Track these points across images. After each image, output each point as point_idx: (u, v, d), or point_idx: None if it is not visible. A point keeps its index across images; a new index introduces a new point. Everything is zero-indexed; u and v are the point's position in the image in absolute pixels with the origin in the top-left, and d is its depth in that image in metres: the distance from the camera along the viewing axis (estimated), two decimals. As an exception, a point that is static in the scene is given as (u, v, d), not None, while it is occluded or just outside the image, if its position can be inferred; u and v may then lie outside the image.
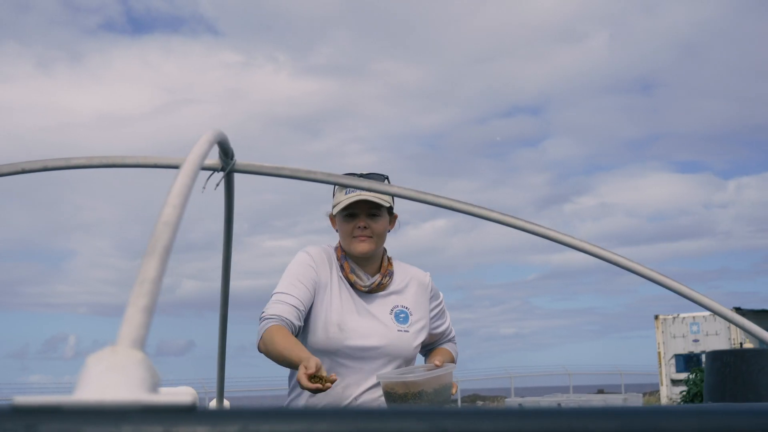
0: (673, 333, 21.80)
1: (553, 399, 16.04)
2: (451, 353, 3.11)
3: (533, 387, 33.83)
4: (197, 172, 0.99)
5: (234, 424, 0.59)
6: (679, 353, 21.54)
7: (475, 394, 33.20)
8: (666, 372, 21.70)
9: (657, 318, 22.15)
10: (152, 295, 0.73)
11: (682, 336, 21.65)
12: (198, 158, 1.03)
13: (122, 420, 0.58)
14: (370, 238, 2.86)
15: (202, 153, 1.05)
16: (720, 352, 6.08)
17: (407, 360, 2.90)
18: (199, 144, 1.07)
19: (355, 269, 2.91)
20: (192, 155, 1.04)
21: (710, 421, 0.66)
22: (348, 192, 2.82)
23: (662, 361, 21.78)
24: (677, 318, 21.80)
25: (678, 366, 21.47)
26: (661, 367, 21.84)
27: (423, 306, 3.00)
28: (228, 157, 1.78)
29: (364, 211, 2.85)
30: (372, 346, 2.82)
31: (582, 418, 0.66)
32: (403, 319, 2.91)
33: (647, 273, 1.89)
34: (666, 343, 21.84)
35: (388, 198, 2.88)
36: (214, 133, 1.21)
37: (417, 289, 3.00)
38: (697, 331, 21.35)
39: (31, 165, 1.63)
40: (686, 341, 21.53)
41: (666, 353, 21.76)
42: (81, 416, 0.58)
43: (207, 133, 1.16)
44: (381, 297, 2.93)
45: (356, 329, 2.83)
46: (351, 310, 2.86)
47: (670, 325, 21.91)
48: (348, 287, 2.91)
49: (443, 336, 3.15)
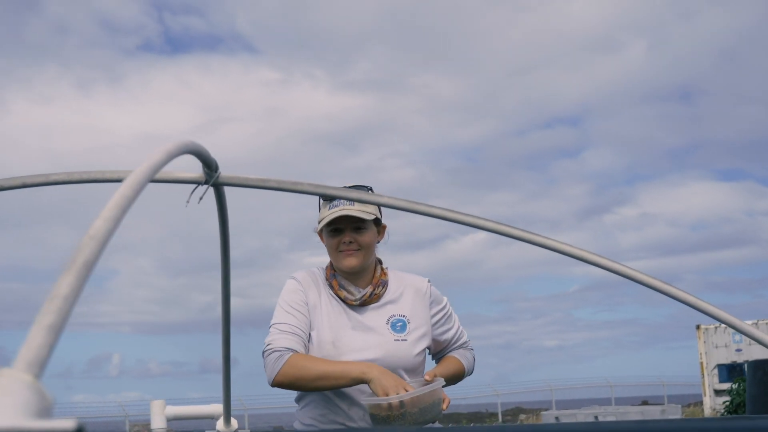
0: (715, 343, 21.45)
1: (590, 411, 15.83)
2: (461, 361, 3.03)
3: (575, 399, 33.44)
4: (143, 185, 0.94)
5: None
6: (721, 363, 21.18)
7: (517, 407, 32.91)
8: (709, 382, 21.34)
9: (699, 328, 21.81)
10: (61, 313, 0.69)
11: (724, 346, 21.30)
12: (148, 170, 0.99)
13: (-5, 449, 0.54)
14: (357, 251, 2.81)
15: (154, 164, 1.01)
16: (762, 362, 5.92)
17: (410, 370, 2.83)
18: (153, 155, 1.03)
19: (345, 284, 2.87)
20: (143, 166, 1.00)
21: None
22: (331, 207, 2.78)
23: (705, 371, 21.42)
24: (719, 328, 21.44)
25: (721, 376, 21.10)
26: (703, 378, 21.49)
27: (422, 313, 2.93)
28: (211, 169, 1.75)
29: (349, 226, 2.80)
30: (369, 359, 2.75)
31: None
32: (401, 327, 2.85)
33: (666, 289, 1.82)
34: (708, 353, 21.49)
35: (373, 210, 2.83)
36: (178, 144, 1.16)
37: (414, 297, 2.94)
38: (739, 341, 20.98)
39: (10, 182, 1.61)
40: (729, 351, 21.16)
41: (709, 363, 21.41)
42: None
43: (169, 144, 1.12)
44: (375, 308, 2.87)
45: (351, 344, 2.78)
46: (344, 326, 2.81)
47: (712, 335, 21.56)
48: (340, 303, 2.86)
49: (451, 343, 3.07)
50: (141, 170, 0.98)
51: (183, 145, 1.20)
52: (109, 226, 0.82)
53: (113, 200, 0.87)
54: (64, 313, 0.69)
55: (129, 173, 1.84)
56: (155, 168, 1.00)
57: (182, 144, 1.20)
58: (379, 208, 2.89)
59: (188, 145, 1.26)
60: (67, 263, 0.75)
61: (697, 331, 21.83)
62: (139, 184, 0.94)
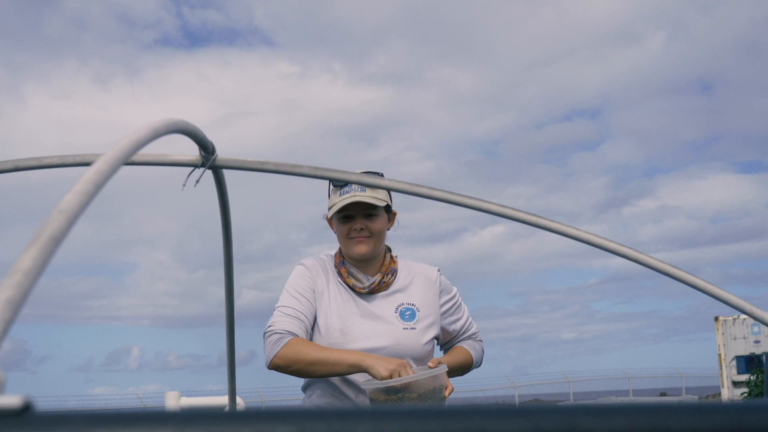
0: (733, 334, 21.32)
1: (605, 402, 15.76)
2: (468, 351, 2.99)
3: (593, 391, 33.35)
4: (120, 162, 0.91)
5: (64, 430, 0.51)
6: (740, 355, 21.04)
7: (535, 399, 32.87)
8: (727, 374, 21.20)
9: (717, 320, 21.68)
10: (20, 287, 0.66)
11: (743, 337, 21.16)
12: (127, 146, 0.95)
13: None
14: (368, 238, 2.78)
15: (135, 141, 0.97)
16: (780, 353, 5.85)
17: (417, 358, 2.79)
18: (135, 131, 1.00)
19: (354, 272, 2.84)
20: (123, 142, 0.96)
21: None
22: (342, 193, 2.74)
23: (723, 363, 21.29)
24: (737, 319, 21.31)
25: (739, 368, 20.97)
26: (722, 369, 21.36)
27: (431, 302, 2.89)
28: (208, 152, 1.71)
29: (360, 212, 2.76)
30: (377, 347, 2.73)
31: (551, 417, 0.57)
32: (409, 316, 2.81)
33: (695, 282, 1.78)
34: (727, 344, 21.36)
35: (384, 196, 2.80)
36: (165, 121, 1.13)
37: (423, 285, 2.90)
38: (758, 332, 20.84)
39: (2, 165, 1.59)
40: (747, 342, 21.03)
41: (727, 355, 21.28)
42: None
43: (155, 120, 1.09)
44: (384, 296, 2.84)
45: (359, 332, 2.75)
46: (353, 314, 2.78)
47: (730, 327, 21.43)
48: (348, 291, 2.83)
49: (460, 333, 3.03)
50: (120, 146, 0.95)
51: (171, 123, 1.16)
52: (81, 200, 0.79)
53: (87, 174, 0.84)
54: (24, 288, 0.66)
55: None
56: (136, 145, 0.97)
57: (170, 122, 1.16)
58: (390, 195, 2.86)
59: (177, 124, 1.22)
60: (33, 237, 0.72)
61: (715, 323, 21.70)
62: (116, 160, 0.90)
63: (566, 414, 0.57)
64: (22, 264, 0.68)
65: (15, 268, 0.67)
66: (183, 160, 1.72)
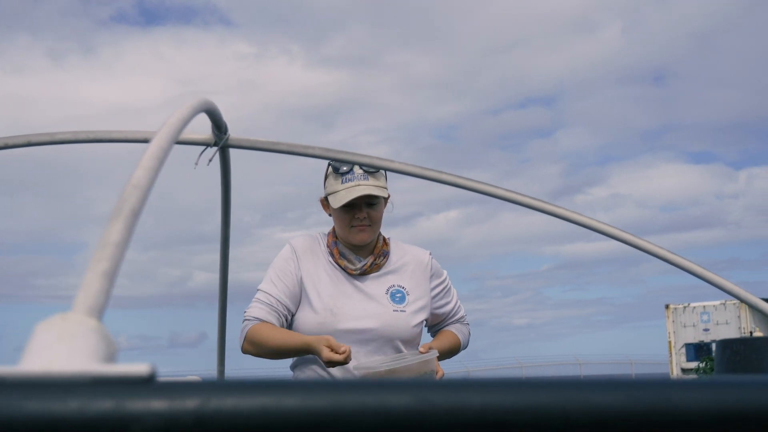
0: (683, 322, 21.72)
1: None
2: (456, 335, 3.03)
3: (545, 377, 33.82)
4: (175, 136, 0.92)
5: (194, 398, 0.53)
6: (689, 342, 21.46)
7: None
8: (676, 361, 21.62)
9: (668, 307, 22.07)
10: (114, 259, 0.67)
11: (692, 325, 21.57)
12: (178, 122, 0.96)
13: (69, 393, 0.52)
14: (369, 227, 2.80)
15: (184, 117, 0.99)
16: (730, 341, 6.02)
17: (406, 341, 2.82)
18: (181, 109, 1.01)
19: (346, 253, 2.86)
20: (173, 118, 0.97)
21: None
22: (344, 180, 2.75)
23: (673, 350, 21.70)
24: (688, 307, 21.72)
25: (688, 355, 21.40)
26: (671, 357, 21.77)
27: (422, 285, 2.92)
28: (221, 131, 1.72)
29: (364, 201, 2.78)
30: (366, 328, 2.75)
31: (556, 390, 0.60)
32: (400, 299, 2.84)
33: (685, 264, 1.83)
34: (677, 332, 21.77)
35: (385, 184, 2.83)
36: (199, 100, 1.14)
37: (415, 268, 2.93)
38: (707, 321, 21.26)
39: (15, 140, 1.57)
40: (697, 330, 21.44)
41: (677, 342, 21.69)
42: (24, 389, 0.52)
43: (192, 100, 1.10)
44: (375, 278, 2.86)
45: (349, 312, 2.76)
46: (343, 294, 2.80)
47: (680, 315, 21.83)
48: (340, 272, 2.85)
49: (449, 316, 3.06)
50: (171, 122, 0.96)
51: (204, 102, 1.18)
52: (150, 175, 0.80)
53: (150, 150, 0.85)
54: (116, 259, 0.67)
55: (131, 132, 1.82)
56: (184, 122, 0.98)
57: (204, 101, 1.17)
58: (386, 179, 2.88)
59: (207, 104, 1.24)
60: (114, 212, 0.73)
61: (666, 311, 22.09)
62: (171, 137, 0.92)
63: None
64: (111, 237, 0.69)
65: (105, 241, 0.68)
66: (196, 139, 1.73)
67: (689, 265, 1.69)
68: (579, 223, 1.85)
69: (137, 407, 0.52)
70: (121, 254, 0.68)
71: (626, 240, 1.80)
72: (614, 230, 1.82)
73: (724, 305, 20.94)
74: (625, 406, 0.58)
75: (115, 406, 0.51)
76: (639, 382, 0.60)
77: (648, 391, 0.59)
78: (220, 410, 0.52)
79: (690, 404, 0.57)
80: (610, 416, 0.57)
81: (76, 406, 0.51)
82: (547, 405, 0.57)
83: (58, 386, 0.52)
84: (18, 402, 0.51)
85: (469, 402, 0.55)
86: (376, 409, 0.54)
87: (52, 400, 0.51)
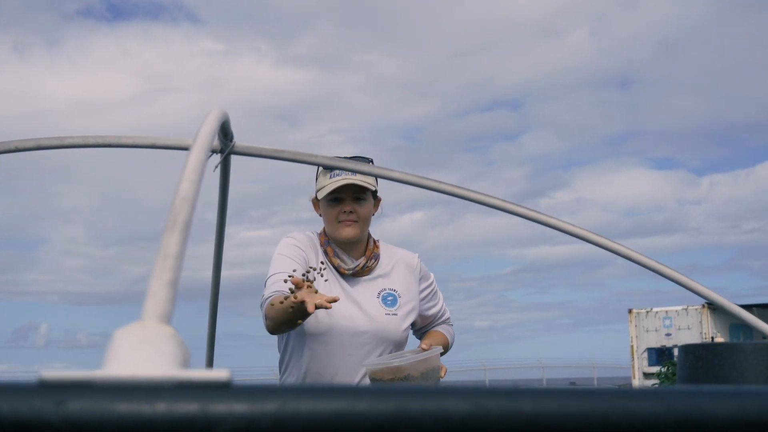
0: (646, 327, 21.94)
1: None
2: (445, 335, 3.07)
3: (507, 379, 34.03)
4: (209, 148, 0.96)
5: (272, 402, 0.57)
6: (651, 347, 21.68)
7: (449, 386, 33.20)
8: (638, 365, 21.84)
9: (630, 312, 22.28)
10: (175, 269, 0.70)
11: (654, 330, 21.80)
12: (209, 133, 1.00)
13: (156, 396, 0.55)
14: (355, 222, 2.82)
15: (213, 129, 1.02)
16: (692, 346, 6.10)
17: (397, 344, 2.87)
18: (208, 120, 1.05)
19: (339, 253, 2.88)
20: (203, 130, 1.01)
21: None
22: (333, 176, 2.77)
23: (635, 354, 21.92)
24: (650, 312, 21.95)
25: (650, 360, 21.62)
26: (633, 361, 21.98)
27: (412, 288, 2.96)
28: (227, 138, 1.75)
29: (350, 195, 2.81)
30: (360, 331, 2.79)
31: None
32: (391, 302, 2.88)
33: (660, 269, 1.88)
34: (639, 336, 21.98)
35: (373, 181, 2.85)
36: (220, 111, 1.18)
37: (405, 271, 2.96)
38: (669, 326, 21.51)
39: (24, 143, 1.59)
40: (659, 335, 21.68)
41: (639, 347, 21.90)
42: (113, 392, 0.56)
43: (214, 111, 1.14)
44: (367, 281, 2.90)
45: (343, 314, 2.79)
46: (338, 294, 2.81)
47: (643, 319, 22.05)
48: (334, 272, 2.87)
49: (436, 318, 3.11)
50: (203, 133, 1.00)
51: (223, 113, 1.22)
52: (195, 187, 0.84)
53: (191, 162, 0.88)
54: (177, 269, 0.71)
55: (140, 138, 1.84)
56: (214, 132, 1.02)
57: (223, 112, 1.21)
58: (377, 181, 2.91)
59: (224, 114, 1.28)
60: (169, 224, 0.76)
61: (628, 315, 22.31)
62: (207, 146, 0.95)
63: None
64: (170, 248, 0.73)
65: (165, 253, 0.72)
66: (202, 145, 1.75)
67: (671, 271, 1.75)
68: (558, 228, 1.90)
69: (220, 410, 0.56)
70: (180, 264, 0.72)
71: (616, 250, 1.85)
72: (596, 237, 1.88)
73: (686, 310, 21.22)
74: (662, 414, 0.63)
75: (200, 409, 0.55)
76: (675, 390, 0.65)
77: (682, 400, 0.64)
78: (297, 413, 0.57)
79: (721, 412, 0.62)
80: (649, 423, 0.62)
81: (164, 409, 0.55)
82: (590, 412, 0.62)
83: (145, 390, 0.56)
84: (109, 404, 0.55)
85: (521, 408, 0.60)
86: (437, 414, 0.59)
87: (140, 403, 0.55)
